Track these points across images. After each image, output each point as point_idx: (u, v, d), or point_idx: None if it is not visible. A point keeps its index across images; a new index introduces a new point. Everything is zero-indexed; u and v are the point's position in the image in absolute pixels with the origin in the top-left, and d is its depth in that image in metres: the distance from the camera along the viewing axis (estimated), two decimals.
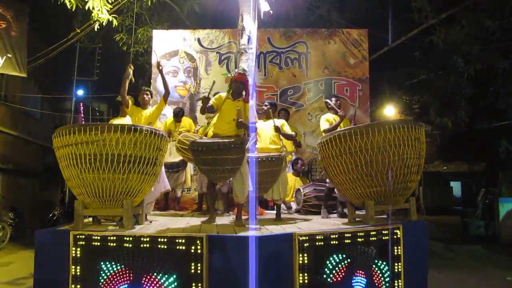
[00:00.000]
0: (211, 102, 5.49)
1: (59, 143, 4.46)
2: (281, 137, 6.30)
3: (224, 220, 5.82)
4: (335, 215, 6.39)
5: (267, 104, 6.52)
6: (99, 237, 4.13)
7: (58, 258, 4.19)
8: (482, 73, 13.82)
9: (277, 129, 6.19)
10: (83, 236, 4.16)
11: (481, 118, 17.79)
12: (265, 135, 6.30)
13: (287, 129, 6.35)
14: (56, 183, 20.24)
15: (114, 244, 4.09)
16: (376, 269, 4.47)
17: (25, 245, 11.88)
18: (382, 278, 4.51)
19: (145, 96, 6.01)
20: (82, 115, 19.07)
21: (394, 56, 14.26)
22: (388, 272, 4.55)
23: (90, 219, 5.09)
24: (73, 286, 4.10)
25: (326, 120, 6.46)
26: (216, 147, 4.87)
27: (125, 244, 4.06)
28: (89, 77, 19.68)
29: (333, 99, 6.65)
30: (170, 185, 7.32)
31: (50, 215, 15.42)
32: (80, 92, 20.97)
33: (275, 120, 6.30)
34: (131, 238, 4.06)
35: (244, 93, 5.50)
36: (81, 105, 19.51)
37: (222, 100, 5.49)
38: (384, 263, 4.52)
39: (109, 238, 4.12)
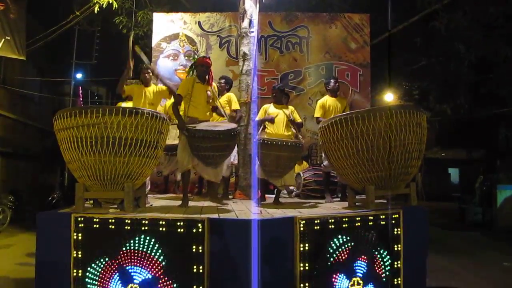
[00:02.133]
0: (179, 92, 5.59)
1: (60, 125, 4.44)
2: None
3: (225, 203, 5.83)
4: (337, 199, 6.41)
5: (277, 89, 6.42)
6: (100, 220, 4.15)
7: (59, 240, 4.20)
8: (484, 60, 13.74)
9: (292, 122, 6.19)
10: (84, 219, 4.17)
11: (480, 105, 17.77)
12: (279, 121, 6.18)
13: (296, 116, 6.35)
14: (55, 167, 20.25)
15: (115, 227, 4.11)
16: (376, 253, 4.50)
17: (25, 228, 11.92)
18: (382, 262, 4.55)
19: (146, 75, 6.06)
20: (81, 99, 19.02)
21: (395, 42, 14.18)
22: (388, 256, 4.58)
23: (91, 202, 5.10)
24: (74, 268, 4.12)
25: (321, 106, 6.45)
26: (233, 133, 5.17)
27: (125, 227, 4.08)
28: (88, 60, 19.58)
29: (332, 80, 6.62)
30: (169, 169, 7.38)
31: (50, 198, 15.47)
32: (79, 76, 20.89)
33: (288, 111, 6.30)
34: (131, 221, 4.08)
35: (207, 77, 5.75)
36: (80, 88, 19.45)
37: (190, 85, 5.62)
38: (384, 247, 4.55)
39: (110, 220, 4.13)
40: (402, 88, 18.46)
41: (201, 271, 3.88)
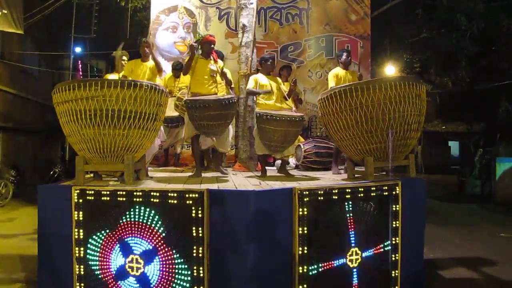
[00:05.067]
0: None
1: (59, 99, 4.43)
2: None
3: (224, 175, 5.87)
4: (342, 170, 6.42)
5: (267, 59, 6.29)
6: (100, 192, 4.18)
7: (60, 212, 4.23)
8: (486, 32, 13.60)
9: (295, 99, 6.40)
10: (85, 191, 4.20)
11: (481, 78, 17.67)
12: (275, 91, 6.11)
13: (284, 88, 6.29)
14: (56, 141, 20.30)
15: (115, 198, 4.14)
16: (374, 223, 4.55)
17: (27, 202, 12.03)
18: (381, 232, 4.60)
19: (146, 48, 6.04)
20: (81, 73, 18.92)
21: (396, 14, 14.04)
22: (387, 227, 4.64)
23: (91, 174, 5.14)
24: (76, 240, 4.17)
25: (334, 75, 6.36)
26: (224, 103, 5.30)
27: (125, 198, 4.11)
28: (87, 34, 19.39)
29: (344, 53, 6.52)
30: (169, 141, 7.41)
31: (51, 172, 15.59)
32: (78, 50, 20.73)
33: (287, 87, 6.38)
34: (131, 193, 4.11)
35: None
36: (79, 62, 19.33)
37: (193, 61, 5.87)
38: (383, 218, 4.60)
39: (109, 192, 4.16)
40: (403, 61, 18.36)
41: (201, 236, 3.91)
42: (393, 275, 4.65)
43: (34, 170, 16.93)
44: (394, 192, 4.64)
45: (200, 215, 3.90)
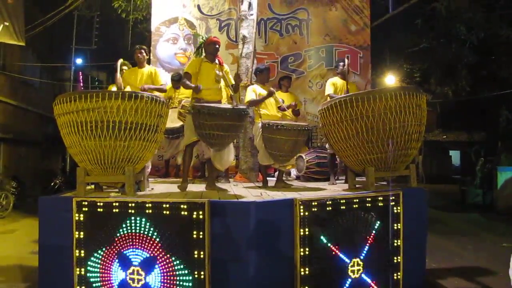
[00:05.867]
0: (186, 70, 5.56)
1: (60, 110, 4.44)
2: None
3: (226, 186, 5.86)
4: (342, 181, 6.44)
5: (262, 69, 6.40)
6: (101, 204, 4.17)
7: (61, 224, 4.23)
8: (485, 41, 13.66)
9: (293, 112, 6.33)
10: (86, 203, 4.20)
11: (482, 87, 17.70)
12: (269, 102, 6.16)
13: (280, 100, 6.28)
14: (57, 152, 20.30)
15: (117, 210, 4.14)
16: (377, 234, 4.53)
17: (28, 213, 11.98)
18: (382, 243, 4.58)
19: (139, 54, 6.06)
20: (82, 84, 18.98)
21: (396, 24, 14.10)
22: (388, 237, 4.62)
23: (92, 186, 5.13)
24: (77, 251, 4.16)
25: (332, 84, 6.43)
26: (241, 113, 5.05)
27: (127, 210, 4.11)
28: (88, 45, 19.49)
29: (341, 64, 6.58)
30: (170, 152, 7.41)
31: (52, 183, 15.55)
32: (79, 61, 20.82)
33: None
34: (133, 204, 4.11)
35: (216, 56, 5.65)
36: (80, 74, 19.41)
37: (198, 64, 5.55)
38: (384, 228, 4.58)
39: (111, 204, 4.16)
40: (403, 71, 18.41)
41: (201, 238, 3.92)
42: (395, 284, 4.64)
43: (34, 181, 16.91)
44: (395, 202, 4.63)
45: (201, 231, 3.90)
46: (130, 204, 4.10)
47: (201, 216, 3.92)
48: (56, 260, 4.29)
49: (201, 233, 3.92)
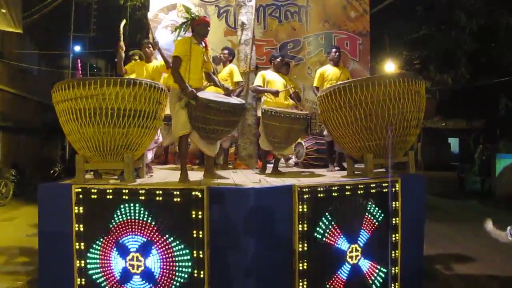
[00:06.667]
0: (176, 53, 4.85)
1: (59, 97, 4.43)
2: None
3: (225, 173, 5.86)
4: (337, 168, 6.45)
5: (279, 60, 6.28)
6: (100, 190, 4.18)
7: (61, 211, 4.23)
8: (485, 29, 13.60)
9: (294, 96, 6.21)
10: (85, 190, 4.20)
11: (481, 75, 17.65)
12: (278, 89, 6.09)
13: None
14: (56, 140, 20.31)
15: (116, 197, 4.15)
16: (374, 220, 4.55)
17: (28, 201, 12.03)
18: (380, 229, 4.61)
19: (147, 49, 6.08)
20: (80, 72, 18.92)
21: (395, 10, 14.02)
22: (387, 223, 4.64)
23: (92, 173, 5.14)
24: (77, 239, 4.17)
25: (319, 75, 6.45)
26: (243, 108, 5.00)
27: (126, 197, 4.12)
28: (86, 33, 19.39)
29: (333, 50, 6.58)
30: (169, 139, 7.37)
31: (51, 171, 15.61)
32: (77, 49, 20.74)
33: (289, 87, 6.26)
34: (132, 191, 4.11)
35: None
36: (79, 61, 19.33)
37: (188, 45, 4.88)
38: (382, 214, 4.60)
39: (110, 191, 4.17)
40: (402, 58, 18.36)
41: (201, 237, 3.93)
42: (393, 271, 4.66)
43: (34, 169, 16.94)
44: (393, 189, 4.65)
45: (200, 217, 3.91)
46: (128, 191, 4.10)
47: (200, 203, 3.93)
48: (56, 247, 4.30)
49: (199, 212, 3.92)
